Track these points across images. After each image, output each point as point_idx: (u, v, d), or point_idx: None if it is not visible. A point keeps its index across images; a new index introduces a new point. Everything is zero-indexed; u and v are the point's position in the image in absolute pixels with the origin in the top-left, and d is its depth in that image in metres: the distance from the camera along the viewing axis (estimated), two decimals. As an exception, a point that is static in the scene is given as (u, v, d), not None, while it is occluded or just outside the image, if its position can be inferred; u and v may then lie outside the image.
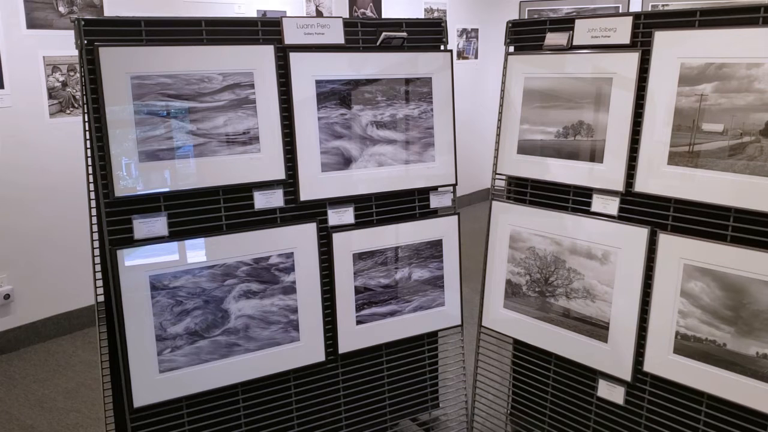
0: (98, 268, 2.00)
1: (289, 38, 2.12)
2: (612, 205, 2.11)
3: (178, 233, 2.03)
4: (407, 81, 2.32)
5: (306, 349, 2.23)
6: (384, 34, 2.27)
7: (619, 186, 2.07)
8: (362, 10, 5.34)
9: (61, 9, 3.57)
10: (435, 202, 2.46)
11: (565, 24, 2.21)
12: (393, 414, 2.52)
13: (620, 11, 5.58)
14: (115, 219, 1.95)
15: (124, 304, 1.93)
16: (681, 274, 1.93)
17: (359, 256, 2.30)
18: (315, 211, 2.24)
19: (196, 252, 2.02)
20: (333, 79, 2.19)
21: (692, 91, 1.90)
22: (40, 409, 3.01)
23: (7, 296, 3.52)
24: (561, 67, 2.21)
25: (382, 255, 2.35)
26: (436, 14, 5.96)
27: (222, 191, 2.08)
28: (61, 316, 3.76)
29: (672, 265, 1.95)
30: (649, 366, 2.02)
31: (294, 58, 2.12)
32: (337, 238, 2.25)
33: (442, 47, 2.42)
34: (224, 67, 2.01)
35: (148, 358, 1.98)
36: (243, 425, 2.21)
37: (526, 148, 2.32)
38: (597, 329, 2.15)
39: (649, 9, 4.71)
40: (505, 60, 2.37)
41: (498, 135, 2.40)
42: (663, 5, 5.39)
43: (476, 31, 6.42)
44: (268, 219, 2.17)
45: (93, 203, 1.97)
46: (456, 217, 2.47)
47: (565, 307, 2.23)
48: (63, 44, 3.60)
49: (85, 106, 1.89)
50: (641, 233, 2.02)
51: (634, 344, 2.05)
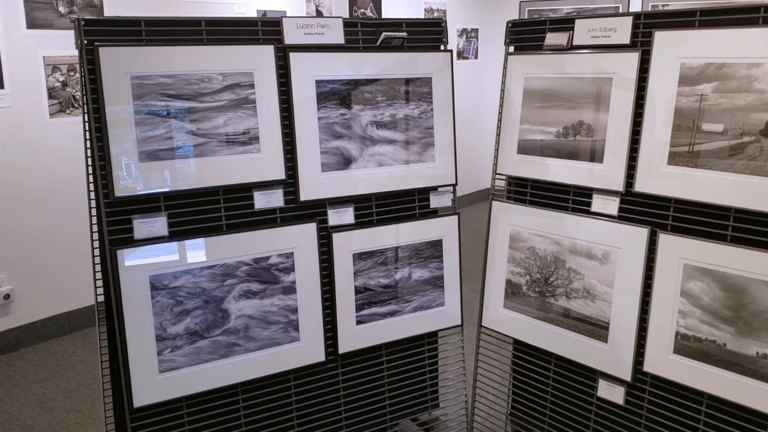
0: (98, 268, 2.00)
1: (289, 38, 2.12)
2: (612, 205, 2.11)
3: (178, 233, 2.03)
4: (407, 81, 2.32)
5: (306, 349, 2.23)
6: (384, 34, 2.27)
7: (619, 186, 2.07)
8: (362, 10, 5.34)
9: (61, 9, 3.57)
10: (435, 202, 2.46)
11: (565, 24, 2.21)
12: (393, 414, 2.52)
13: (620, 11, 5.58)
14: (115, 219, 1.95)
15: (124, 304, 1.93)
16: (681, 274, 1.93)
17: (359, 256, 2.30)
18: (315, 211, 2.24)
19: (196, 252, 2.02)
20: (333, 79, 2.19)
21: (692, 91, 1.90)
22: (40, 409, 3.00)
23: (7, 296, 3.52)
24: (561, 67, 2.21)
25: (382, 255, 2.35)
26: (436, 14, 5.96)
27: (222, 191, 2.08)
28: (61, 316, 3.76)
29: (672, 265, 1.95)
30: (649, 366, 2.02)
31: (294, 58, 2.12)
32: (337, 238, 2.25)
33: (442, 47, 2.42)
34: (224, 67, 2.01)
35: (148, 358, 1.98)
36: (243, 425, 2.21)
37: (526, 148, 2.32)
38: (597, 329, 2.15)
39: (649, 9, 4.71)
40: (505, 60, 2.37)
41: (498, 135, 2.40)
42: (663, 5, 5.39)
43: (476, 31, 6.42)
44: (268, 219, 2.17)
45: (93, 203, 1.97)
46: (456, 217, 2.47)
47: (565, 307, 2.23)
48: (63, 44, 3.60)
49: (85, 106, 1.89)
50: (641, 233, 2.02)
51: (634, 344, 2.05)
